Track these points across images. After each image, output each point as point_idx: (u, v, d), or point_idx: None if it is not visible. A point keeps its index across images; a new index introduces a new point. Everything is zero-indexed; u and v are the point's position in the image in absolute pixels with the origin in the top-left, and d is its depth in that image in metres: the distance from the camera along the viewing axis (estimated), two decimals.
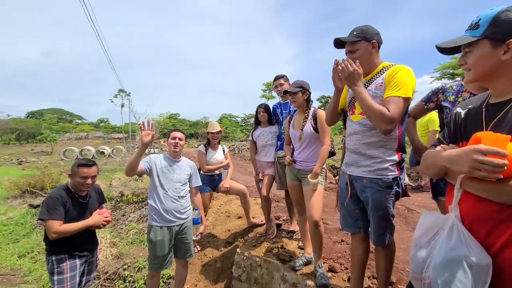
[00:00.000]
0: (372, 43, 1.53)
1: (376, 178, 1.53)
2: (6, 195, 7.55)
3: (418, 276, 0.94)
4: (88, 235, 2.28)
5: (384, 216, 1.56)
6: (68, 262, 2.12)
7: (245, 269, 2.95)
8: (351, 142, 1.65)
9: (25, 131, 38.61)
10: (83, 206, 2.20)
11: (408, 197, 1.70)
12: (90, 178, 2.17)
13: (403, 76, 1.43)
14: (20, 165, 15.15)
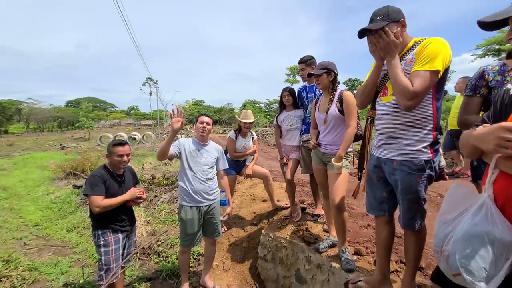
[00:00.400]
0: (401, 22, 1.45)
1: (407, 161, 1.48)
2: (53, 176, 8.35)
3: (438, 249, 0.98)
4: (127, 212, 2.49)
5: (415, 200, 1.51)
6: (112, 236, 2.34)
7: (270, 250, 3.05)
8: (382, 124, 1.59)
9: (65, 119, 41.87)
10: (120, 184, 2.42)
11: (445, 180, 1.61)
12: (125, 156, 2.37)
13: (433, 48, 1.34)
14: (63, 150, 16.55)
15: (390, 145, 1.56)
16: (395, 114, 1.51)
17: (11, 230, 4.54)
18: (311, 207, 3.43)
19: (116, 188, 2.37)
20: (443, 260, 0.94)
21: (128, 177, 2.53)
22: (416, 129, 1.47)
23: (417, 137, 1.46)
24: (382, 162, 1.62)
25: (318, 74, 2.23)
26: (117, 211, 2.37)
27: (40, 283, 3.06)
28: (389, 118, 1.54)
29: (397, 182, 1.53)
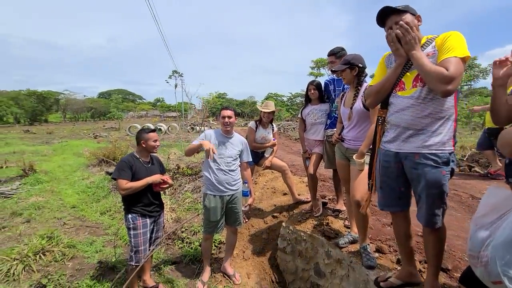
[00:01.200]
0: (417, 17, 1.51)
1: (431, 153, 1.45)
2: (87, 163, 8.98)
3: (475, 254, 0.93)
4: (155, 198, 2.64)
5: (439, 195, 1.46)
6: (141, 220, 2.51)
7: (290, 242, 3.09)
8: (401, 118, 1.54)
9: (98, 109, 44.48)
10: (147, 169, 2.58)
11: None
12: (155, 141, 2.57)
13: (456, 38, 1.38)
14: (96, 138, 17.67)
15: (411, 139, 1.52)
16: (418, 107, 1.48)
17: (53, 210, 5.00)
18: (332, 202, 3.41)
19: (144, 173, 2.53)
20: (481, 266, 0.89)
21: (155, 165, 2.69)
22: (442, 121, 1.46)
23: (443, 129, 1.46)
24: (402, 157, 1.57)
25: (341, 70, 2.19)
26: (146, 196, 2.53)
27: (78, 259, 3.36)
28: (412, 111, 1.50)
29: (420, 177, 1.49)
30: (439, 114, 1.45)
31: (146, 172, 2.56)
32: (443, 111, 1.45)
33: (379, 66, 1.79)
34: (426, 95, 1.46)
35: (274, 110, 3.52)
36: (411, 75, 1.52)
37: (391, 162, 1.64)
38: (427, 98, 1.46)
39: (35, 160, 8.82)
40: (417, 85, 1.49)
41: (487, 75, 24.28)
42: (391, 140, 1.63)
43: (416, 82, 1.49)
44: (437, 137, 1.45)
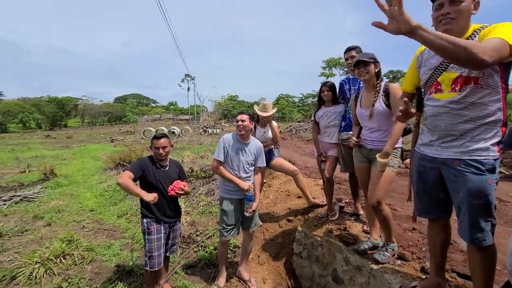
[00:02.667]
0: (476, 3, 1.32)
1: (474, 160, 1.32)
2: (105, 166, 9.23)
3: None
4: (172, 204, 2.61)
5: (485, 206, 1.30)
6: (155, 225, 2.50)
7: (306, 247, 3.02)
8: (441, 122, 1.41)
9: (114, 114, 45.83)
10: (162, 173, 2.55)
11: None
12: (161, 149, 2.48)
13: (507, 26, 1.17)
14: (112, 142, 18.16)
15: (450, 144, 1.40)
16: (460, 111, 1.35)
17: (72, 214, 5.14)
18: (349, 206, 3.31)
19: (157, 175, 2.51)
20: None
21: (172, 169, 2.65)
22: (486, 126, 1.31)
23: (487, 134, 1.31)
24: (440, 164, 1.46)
25: (369, 61, 2.05)
26: (162, 202, 2.50)
27: (97, 263, 3.43)
28: (452, 116, 1.37)
29: (461, 186, 1.34)
30: (484, 119, 1.31)
31: (161, 175, 2.54)
32: (489, 115, 1.31)
33: (411, 63, 1.65)
34: (469, 99, 1.32)
35: (271, 114, 3.43)
36: (450, 76, 1.37)
37: (427, 167, 1.53)
38: (469, 102, 1.32)
39: (56, 164, 9.14)
40: (456, 89, 1.35)
41: None
42: (427, 143, 1.52)
43: (456, 85, 1.35)
44: (481, 143, 1.32)
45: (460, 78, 1.33)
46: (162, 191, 2.51)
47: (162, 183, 2.53)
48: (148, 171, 2.48)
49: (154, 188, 2.47)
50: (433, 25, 1.40)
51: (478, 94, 1.30)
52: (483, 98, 1.30)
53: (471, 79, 1.30)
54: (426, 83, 1.50)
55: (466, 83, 1.32)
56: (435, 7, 1.36)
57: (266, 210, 4.20)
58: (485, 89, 1.29)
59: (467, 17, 1.32)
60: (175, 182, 2.59)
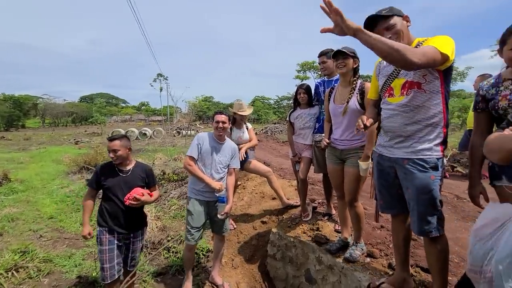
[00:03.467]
0: (405, 18, 1.50)
1: (419, 159, 1.46)
2: (67, 170, 8.57)
3: (477, 269, 0.88)
4: (129, 213, 2.34)
5: (431, 201, 1.45)
6: (107, 236, 2.29)
7: (280, 248, 3.02)
8: (392, 124, 1.56)
9: (79, 114, 42.98)
10: (122, 179, 2.34)
11: (446, 178, 1.57)
12: (111, 152, 2.29)
13: (442, 37, 1.35)
14: (77, 144, 16.97)
15: (400, 145, 1.54)
16: (407, 114, 1.50)
17: (28, 222, 4.68)
18: (322, 206, 3.37)
19: (115, 181, 2.31)
20: (484, 283, 0.85)
21: (135, 175, 2.40)
22: (430, 127, 1.47)
23: (431, 135, 1.47)
24: (393, 162, 1.59)
25: (348, 54, 2.03)
26: (115, 210, 2.29)
27: (55, 275, 3.14)
28: (401, 118, 1.52)
29: (409, 183, 1.49)
30: (428, 121, 1.47)
31: (120, 182, 2.32)
32: (431, 117, 1.46)
33: (373, 73, 1.80)
34: (413, 103, 1.47)
35: (249, 113, 3.47)
36: (400, 81, 1.53)
37: (385, 166, 1.65)
38: (414, 105, 1.47)
39: (10, 168, 8.31)
40: (404, 93, 1.50)
41: (464, 77, 25.45)
42: (384, 145, 1.65)
43: (404, 90, 1.50)
44: (425, 143, 1.46)
45: (407, 83, 1.48)
46: (117, 200, 2.30)
47: (118, 190, 2.31)
48: (105, 178, 2.30)
49: (108, 197, 2.30)
50: None
51: (422, 98, 1.45)
52: (426, 102, 1.45)
53: (415, 84, 1.46)
54: (382, 89, 1.65)
55: (411, 87, 1.47)
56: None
57: (241, 212, 4.16)
58: (428, 94, 1.45)
59: (406, 33, 1.48)
60: (134, 190, 2.33)
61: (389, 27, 1.46)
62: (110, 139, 2.35)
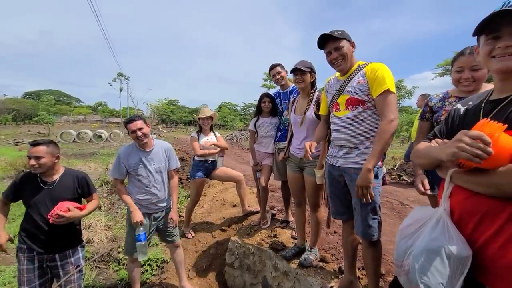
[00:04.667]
0: (351, 43, 1.67)
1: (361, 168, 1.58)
2: (2, 175, 7.54)
3: (399, 263, 0.99)
4: (55, 233, 2.00)
5: (372, 206, 1.60)
6: (26, 254, 1.98)
7: (238, 256, 3.00)
8: (340, 136, 1.71)
9: (22, 111, 38.26)
10: (45, 192, 2.00)
11: (385, 184, 1.79)
12: (32, 159, 1.93)
13: (385, 73, 1.54)
14: (17, 146, 15.09)
15: (347, 155, 1.69)
16: (351, 127, 1.66)
17: None
18: (280, 213, 3.44)
19: (37, 195, 1.97)
20: (404, 275, 0.94)
21: (62, 187, 2.05)
22: (370, 140, 1.63)
23: (372, 147, 1.60)
24: (342, 171, 1.73)
25: (305, 71, 2.16)
26: (36, 229, 1.97)
27: None
28: (346, 130, 1.68)
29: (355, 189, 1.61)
30: (369, 134, 1.64)
31: (44, 195, 1.98)
32: (372, 130, 1.63)
33: (323, 92, 1.96)
34: (357, 117, 1.63)
35: (211, 116, 3.46)
36: (344, 97, 1.68)
37: (335, 174, 1.77)
38: (358, 120, 1.64)
39: None
40: (349, 108, 1.66)
41: (411, 95, 28.45)
42: (334, 155, 1.78)
43: (348, 105, 1.66)
44: (367, 154, 1.60)
45: (350, 99, 1.65)
46: (39, 217, 1.97)
47: (40, 206, 1.97)
48: (25, 191, 1.98)
49: (28, 214, 1.99)
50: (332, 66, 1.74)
51: (364, 114, 1.63)
52: (368, 117, 1.63)
53: (359, 101, 1.62)
54: (330, 104, 1.81)
55: (356, 103, 1.63)
56: (326, 54, 1.70)
57: (200, 220, 4.05)
58: (370, 110, 1.62)
59: (350, 57, 1.66)
60: (59, 205, 1.96)
61: (338, 48, 1.62)
62: (34, 144, 1.98)
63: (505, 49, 0.82)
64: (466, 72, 1.55)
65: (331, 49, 1.64)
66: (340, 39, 1.61)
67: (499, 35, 0.83)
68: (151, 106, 44.37)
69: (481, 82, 1.57)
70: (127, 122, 2.33)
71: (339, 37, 1.61)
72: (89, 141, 18.24)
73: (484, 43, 0.88)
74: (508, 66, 0.83)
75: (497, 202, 0.78)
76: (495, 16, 0.81)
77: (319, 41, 1.65)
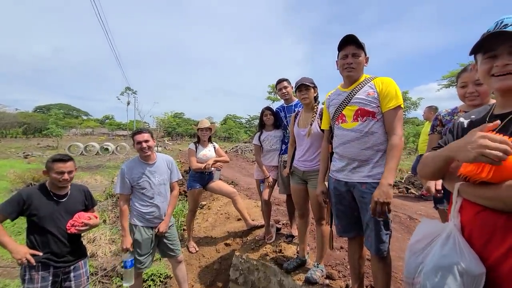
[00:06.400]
0: (366, 58, 1.70)
1: (375, 183, 1.55)
2: (11, 187, 7.64)
3: (409, 281, 0.96)
4: (70, 243, 2.05)
5: (385, 222, 1.56)
6: (41, 272, 1.93)
7: (243, 272, 2.94)
8: (348, 149, 1.66)
9: (32, 125, 39.26)
10: (58, 206, 2.02)
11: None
12: (66, 173, 1.99)
13: (394, 86, 1.59)
14: (26, 158, 15.34)
15: (358, 169, 1.63)
16: (361, 139, 1.61)
17: None
18: (286, 227, 3.38)
19: (51, 209, 1.98)
20: None
21: (74, 199, 2.12)
22: (381, 153, 1.61)
23: (383, 160, 1.58)
24: (351, 186, 1.66)
25: (310, 86, 2.22)
26: (55, 240, 1.97)
27: None
28: (356, 143, 1.63)
29: (368, 205, 1.56)
30: (379, 146, 1.60)
31: (57, 209, 2.01)
32: (382, 143, 1.60)
33: (324, 107, 1.96)
34: (367, 129, 1.60)
35: (210, 127, 3.48)
36: (352, 109, 1.65)
37: (342, 190, 1.71)
38: (368, 132, 1.60)
39: None
40: (358, 119, 1.63)
41: (417, 106, 28.35)
42: (340, 169, 1.72)
43: (357, 116, 1.63)
44: (380, 168, 1.58)
45: (359, 110, 1.62)
46: (56, 230, 1.98)
47: (56, 219, 1.99)
48: (35, 205, 1.94)
49: (41, 229, 1.95)
50: (338, 69, 1.73)
51: (375, 125, 1.60)
52: (378, 129, 1.60)
53: (370, 113, 1.60)
54: (333, 117, 1.78)
55: (366, 115, 1.61)
56: (341, 57, 1.68)
57: (204, 234, 4.01)
58: (379, 122, 1.61)
59: (362, 68, 1.68)
60: (77, 215, 2.05)
61: (356, 54, 1.63)
62: (63, 159, 2.01)
63: (503, 67, 0.83)
64: (470, 87, 1.57)
65: (349, 52, 1.63)
66: (361, 48, 1.63)
67: (496, 54, 0.84)
68: (157, 119, 45.05)
69: (486, 96, 1.57)
70: (135, 133, 2.42)
71: (362, 45, 1.62)
72: (96, 154, 18.48)
73: (482, 62, 0.89)
74: (508, 85, 0.83)
75: (509, 218, 0.76)
76: (490, 36, 0.83)
77: (343, 40, 1.62)
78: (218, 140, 39.12)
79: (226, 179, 6.83)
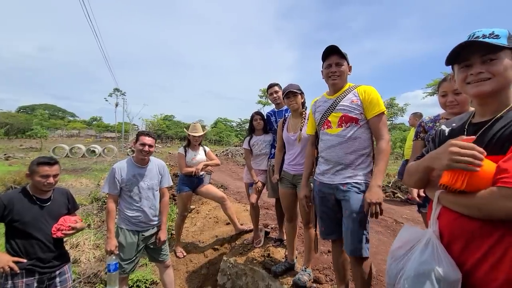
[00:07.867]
0: (349, 67, 1.78)
1: (357, 183, 1.63)
2: None
3: (391, 287, 0.98)
4: (55, 247, 1.99)
5: (361, 220, 1.59)
6: (25, 279, 1.84)
7: (230, 277, 2.91)
8: (332, 153, 1.73)
9: (15, 125, 37.94)
10: (42, 210, 1.95)
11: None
12: (51, 177, 1.93)
13: (376, 94, 1.68)
14: (7, 160, 14.78)
15: (340, 172, 1.70)
16: (345, 144, 1.69)
17: None
18: (274, 231, 3.38)
19: (35, 214, 1.90)
20: None
21: (58, 202, 2.06)
22: (364, 157, 1.69)
23: (365, 164, 1.69)
24: (334, 188, 1.71)
25: (297, 92, 2.29)
26: (40, 246, 1.90)
27: None
28: (341, 147, 1.70)
29: (347, 202, 1.62)
30: (362, 151, 1.69)
31: (40, 213, 1.93)
32: (364, 148, 1.69)
33: (309, 112, 2.03)
34: (351, 134, 1.68)
35: (202, 135, 3.47)
36: (337, 115, 1.73)
37: (326, 192, 1.76)
38: (352, 137, 1.68)
39: None
40: (342, 125, 1.70)
41: (403, 112, 29.07)
42: (324, 172, 1.77)
43: (342, 122, 1.71)
44: (361, 170, 1.68)
45: (344, 116, 1.70)
46: (40, 234, 1.91)
47: (40, 223, 1.92)
48: (18, 211, 1.85)
49: (24, 233, 1.87)
50: (324, 78, 1.80)
51: (358, 131, 1.69)
52: (361, 135, 1.69)
53: (353, 119, 1.68)
54: (319, 123, 1.84)
55: (349, 121, 1.69)
56: (325, 66, 1.77)
57: (192, 238, 3.95)
58: (362, 128, 1.70)
59: (345, 76, 1.77)
60: (63, 219, 1.99)
61: (339, 64, 1.71)
62: (49, 163, 1.94)
63: (476, 75, 0.88)
64: (450, 96, 1.66)
65: (333, 62, 1.71)
66: (344, 58, 1.72)
67: (470, 63, 0.90)
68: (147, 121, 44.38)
69: (466, 105, 1.65)
70: (143, 134, 2.40)
71: (344, 55, 1.71)
72: (82, 156, 17.99)
73: (458, 71, 0.95)
74: (481, 91, 0.88)
75: (484, 224, 0.79)
76: (463, 47, 0.88)
77: (326, 50, 1.71)
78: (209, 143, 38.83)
79: (216, 183, 6.78)
